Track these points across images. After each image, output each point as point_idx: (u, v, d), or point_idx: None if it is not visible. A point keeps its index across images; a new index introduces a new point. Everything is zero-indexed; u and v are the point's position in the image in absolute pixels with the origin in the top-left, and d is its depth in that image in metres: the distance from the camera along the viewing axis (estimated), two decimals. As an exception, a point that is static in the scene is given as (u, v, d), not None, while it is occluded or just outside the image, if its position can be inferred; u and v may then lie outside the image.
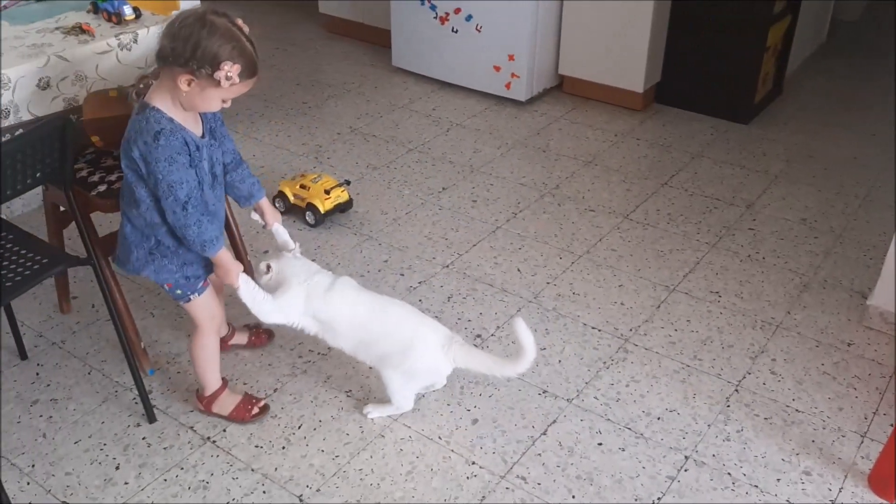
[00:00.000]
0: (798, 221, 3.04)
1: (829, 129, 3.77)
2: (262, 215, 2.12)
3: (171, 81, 1.72)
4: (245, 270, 2.00)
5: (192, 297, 1.99)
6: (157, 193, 1.77)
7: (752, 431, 2.13)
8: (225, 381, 2.16)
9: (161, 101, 1.75)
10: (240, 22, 1.73)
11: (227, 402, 2.14)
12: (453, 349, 2.04)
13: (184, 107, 1.77)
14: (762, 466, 2.03)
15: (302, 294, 2.03)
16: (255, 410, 2.14)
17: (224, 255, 1.90)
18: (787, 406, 2.21)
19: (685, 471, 2.02)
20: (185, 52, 1.66)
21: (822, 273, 2.75)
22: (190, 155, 1.77)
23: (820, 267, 2.79)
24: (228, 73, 1.67)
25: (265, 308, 2.01)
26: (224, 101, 1.77)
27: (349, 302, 2.07)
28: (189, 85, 1.70)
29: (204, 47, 1.65)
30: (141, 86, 2.08)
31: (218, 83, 1.68)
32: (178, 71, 1.69)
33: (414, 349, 2.04)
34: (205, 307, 2.03)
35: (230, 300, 2.29)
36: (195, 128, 1.82)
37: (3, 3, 2.51)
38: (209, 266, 1.98)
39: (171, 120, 1.74)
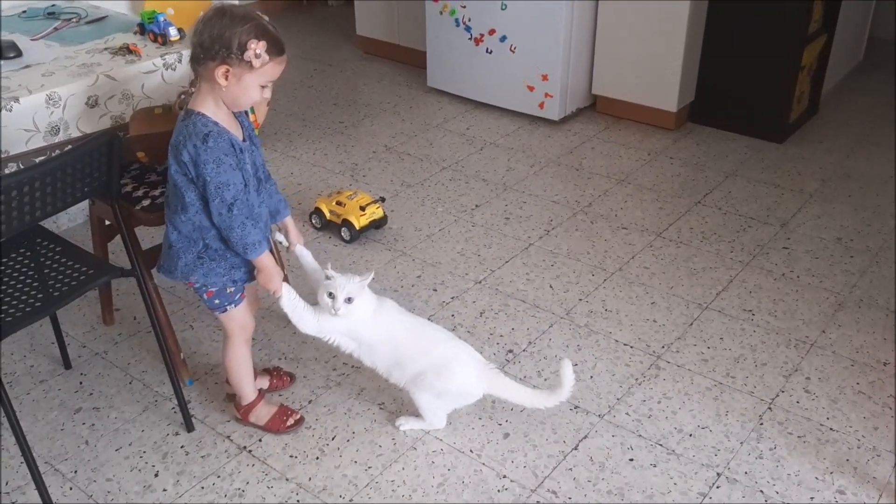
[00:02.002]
0: (833, 240, 3.02)
1: (866, 148, 3.74)
2: (286, 234, 2.15)
3: (209, 83, 1.78)
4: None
5: (228, 308, 2.03)
6: (205, 195, 1.81)
7: (786, 449, 2.12)
8: (261, 393, 2.20)
9: (204, 106, 1.80)
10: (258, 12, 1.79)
11: (263, 413, 2.18)
12: (487, 376, 2.08)
13: (227, 105, 1.81)
14: (795, 485, 2.02)
15: (341, 321, 2.03)
16: (291, 422, 2.18)
17: (267, 260, 1.93)
18: (822, 424, 2.19)
19: (717, 488, 2.01)
20: (213, 45, 1.73)
21: (858, 292, 2.73)
22: (236, 156, 1.82)
23: (856, 286, 2.76)
24: (257, 51, 1.72)
25: (305, 318, 2.04)
26: (263, 87, 1.80)
27: (392, 323, 2.09)
28: (226, 77, 1.75)
29: (229, 34, 1.71)
30: (182, 97, 2.14)
31: (250, 65, 1.73)
32: (213, 66, 1.74)
33: (449, 371, 2.06)
34: (239, 318, 2.07)
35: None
36: (237, 132, 1.87)
37: (56, 24, 2.61)
38: (252, 273, 2.00)
39: (217, 123, 1.80)
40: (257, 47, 1.73)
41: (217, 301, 2.01)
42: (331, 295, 2.00)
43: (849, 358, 2.44)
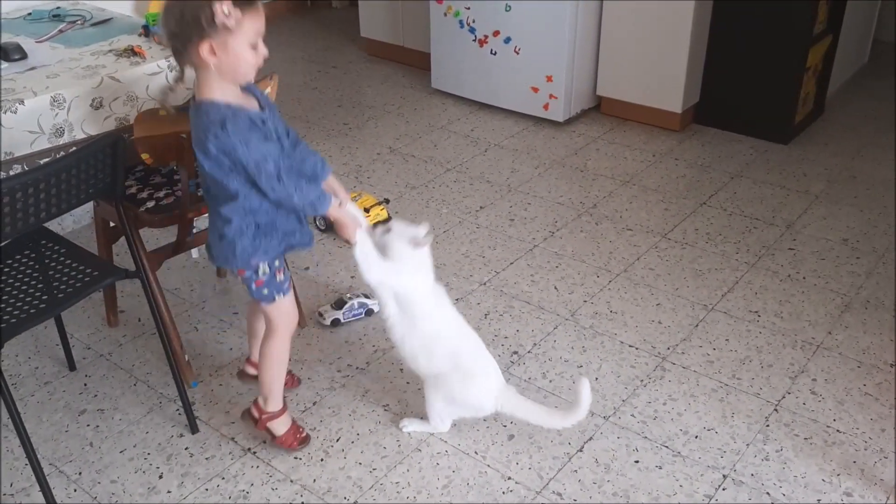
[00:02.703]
0: (839, 241, 3.01)
1: (871, 149, 3.73)
2: (335, 195, 1.99)
3: (202, 67, 1.72)
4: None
5: (277, 297, 1.96)
6: (246, 181, 1.77)
7: (792, 451, 2.11)
8: (285, 405, 2.13)
9: (210, 92, 1.74)
10: None
11: (282, 426, 2.12)
12: (505, 395, 2.08)
13: (230, 81, 1.75)
14: (802, 486, 2.01)
15: (406, 276, 2.00)
16: (301, 436, 2.14)
17: (336, 211, 1.89)
18: (828, 426, 2.18)
19: (723, 490, 2.00)
20: (184, 28, 1.67)
21: (864, 293, 2.72)
22: (261, 129, 1.76)
23: (862, 287, 2.75)
24: (225, 10, 1.64)
25: (373, 265, 1.97)
26: (253, 46, 1.72)
27: (444, 311, 2.08)
28: (213, 52, 1.68)
29: (192, 11, 1.65)
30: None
31: (228, 29, 1.66)
32: (195, 49, 1.68)
33: (474, 383, 2.06)
34: (286, 309, 2.01)
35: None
36: (252, 105, 1.81)
37: (61, 26, 2.61)
38: (304, 231, 1.96)
39: (229, 105, 1.73)
40: (223, 7, 1.64)
41: (266, 291, 1.94)
42: (388, 230, 1.99)
43: (855, 359, 2.42)
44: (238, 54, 1.71)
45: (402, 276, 2.00)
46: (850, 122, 4.01)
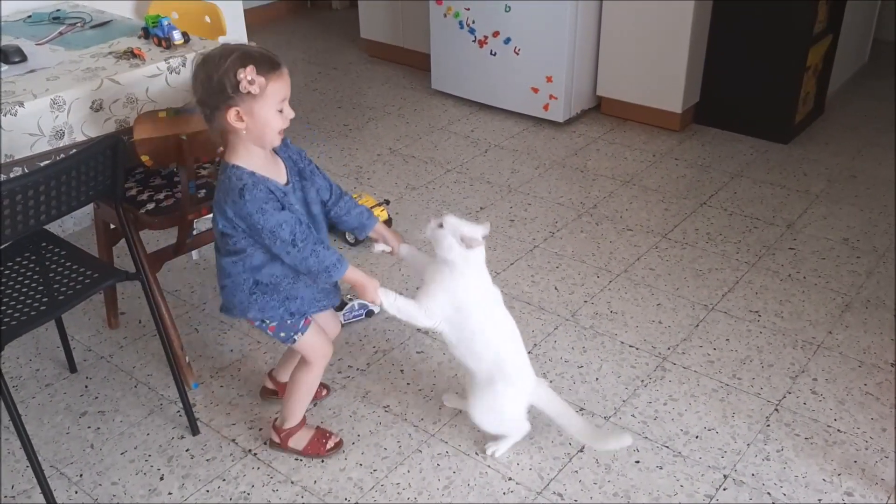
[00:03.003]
0: (840, 241, 3.01)
1: (871, 149, 3.73)
2: (385, 241, 2.05)
3: (231, 132, 1.73)
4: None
5: (296, 337, 1.96)
6: (257, 241, 1.77)
7: (793, 451, 2.11)
8: (304, 418, 2.13)
9: (236, 157, 1.75)
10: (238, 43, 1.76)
11: (302, 438, 2.12)
12: (538, 391, 2.06)
13: (258, 146, 1.76)
14: (803, 486, 2.01)
15: (447, 299, 1.93)
16: (330, 444, 2.12)
17: (355, 274, 1.87)
18: (829, 426, 2.18)
19: (724, 490, 2.00)
20: (211, 96, 1.69)
21: (865, 293, 2.72)
22: (279, 200, 1.76)
23: (862, 286, 2.75)
24: (249, 78, 1.65)
25: (413, 314, 1.93)
26: (280, 110, 1.73)
27: (505, 314, 2.03)
28: (240, 118, 1.70)
29: (217, 78, 1.66)
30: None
31: (252, 95, 1.68)
32: (223, 114, 1.70)
33: (514, 388, 2.04)
34: (312, 344, 1.99)
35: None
36: (278, 175, 1.81)
37: (60, 28, 2.61)
38: (320, 302, 1.95)
39: (252, 174, 1.74)
40: (247, 74, 1.66)
41: (283, 334, 1.94)
42: (440, 224, 1.91)
43: (856, 359, 2.42)
44: (265, 120, 1.72)
45: (440, 311, 1.93)
46: (850, 122, 4.00)
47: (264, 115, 1.71)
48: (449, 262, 1.92)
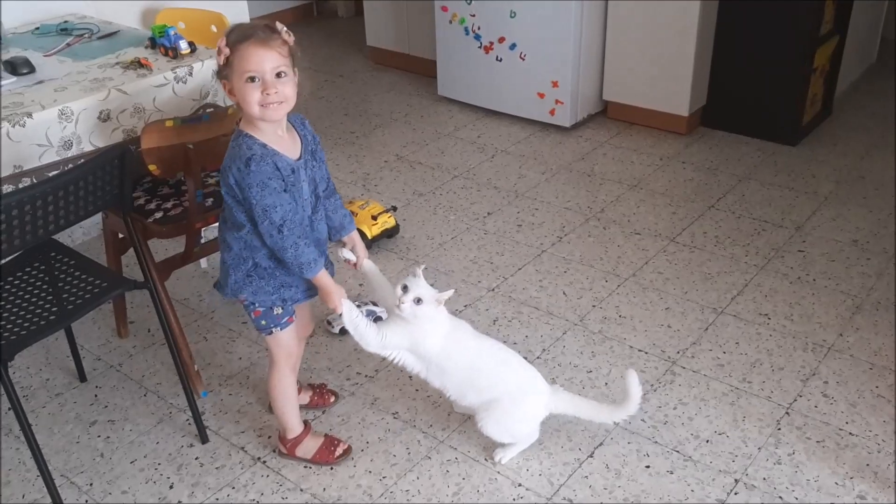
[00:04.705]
0: (849, 243, 3.00)
1: (880, 150, 3.71)
2: (353, 251, 2.06)
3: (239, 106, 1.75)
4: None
5: (274, 329, 1.95)
6: (253, 217, 1.77)
7: (804, 454, 2.09)
8: (308, 425, 2.14)
9: (251, 128, 1.75)
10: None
11: (310, 446, 2.11)
12: (555, 399, 2.06)
13: (258, 119, 1.73)
14: (815, 490, 1.99)
15: (406, 331, 1.96)
16: (339, 451, 2.12)
17: (324, 278, 1.87)
18: (841, 429, 2.17)
19: (735, 494, 1.99)
20: (217, 70, 1.74)
21: (875, 294, 2.70)
22: (283, 179, 1.76)
23: (873, 288, 2.73)
24: (220, 47, 1.67)
25: (367, 335, 1.95)
26: (250, 80, 1.67)
27: (469, 346, 2.03)
28: (230, 91, 1.72)
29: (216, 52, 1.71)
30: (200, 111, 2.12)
31: (231, 67, 1.68)
32: (224, 88, 1.74)
33: (524, 400, 2.04)
34: (284, 343, 2.00)
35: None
36: (292, 150, 1.80)
37: (68, 40, 2.63)
38: (309, 290, 1.95)
39: (264, 145, 1.73)
40: (220, 44, 1.67)
41: (263, 322, 1.94)
42: (405, 288, 1.92)
43: (867, 361, 2.41)
44: (240, 92, 1.70)
45: (399, 341, 1.97)
46: (858, 123, 3.99)
47: (237, 86, 1.70)
48: (418, 318, 1.94)
